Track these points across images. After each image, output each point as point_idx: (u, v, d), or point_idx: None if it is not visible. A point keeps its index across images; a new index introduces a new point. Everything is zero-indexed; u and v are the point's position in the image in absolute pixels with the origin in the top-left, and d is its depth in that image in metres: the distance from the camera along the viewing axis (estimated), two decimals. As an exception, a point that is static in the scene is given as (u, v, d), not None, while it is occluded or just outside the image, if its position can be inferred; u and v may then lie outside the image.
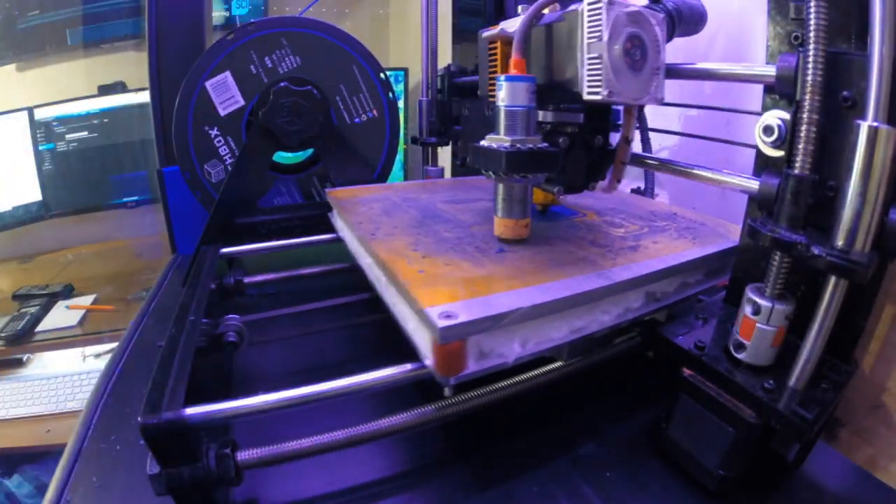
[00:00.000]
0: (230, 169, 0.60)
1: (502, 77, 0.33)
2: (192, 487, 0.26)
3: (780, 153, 0.30)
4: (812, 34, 0.25)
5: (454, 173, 0.83)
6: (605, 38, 0.31)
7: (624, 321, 0.34)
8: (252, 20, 0.59)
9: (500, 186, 0.36)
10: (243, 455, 0.28)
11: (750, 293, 0.29)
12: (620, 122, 0.39)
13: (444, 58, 0.69)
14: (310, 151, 0.68)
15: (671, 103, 0.59)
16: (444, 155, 0.75)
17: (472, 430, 0.36)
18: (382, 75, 0.65)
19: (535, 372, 0.35)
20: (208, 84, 0.58)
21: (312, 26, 0.61)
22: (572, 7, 0.33)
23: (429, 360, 0.29)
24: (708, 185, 0.37)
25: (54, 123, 1.25)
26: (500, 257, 0.36)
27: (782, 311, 0.28)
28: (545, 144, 0.34)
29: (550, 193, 0.41)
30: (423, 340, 0.30)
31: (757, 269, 0.32)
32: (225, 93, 0.59)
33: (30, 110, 1.23)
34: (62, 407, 1.00)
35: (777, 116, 0.29)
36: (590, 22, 0.31)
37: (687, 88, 0.60)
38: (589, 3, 0.31)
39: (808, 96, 0.26)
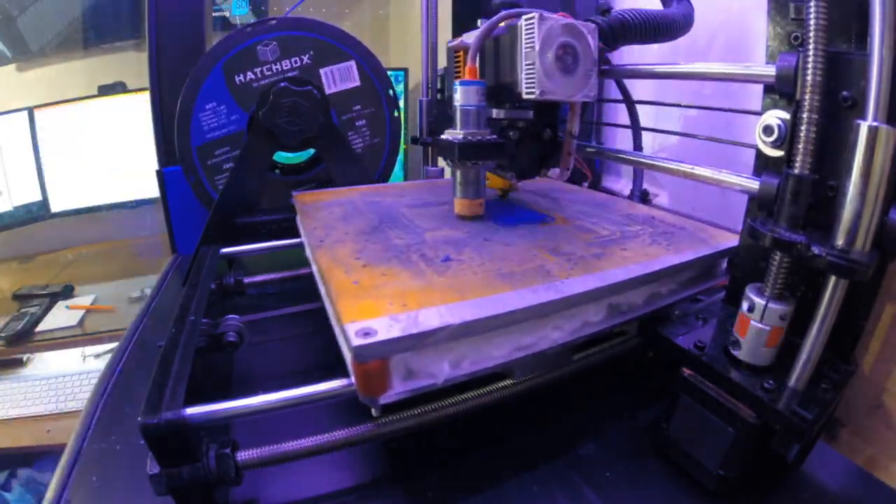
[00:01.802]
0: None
1: (457, 82, 0.40)
2: (192, 487, 0.26)
3: (780, 153, 0.30)
4: (812, 34, 0.25)
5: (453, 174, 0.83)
6: (538, 47, 0.37)
7: (582, 336, 0.32)
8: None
9: (458, 172, 0.43)
10: (243, 455, 0.28)
11: (749, 292, 0.29)
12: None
13: (444, 58, 0.69)
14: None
15: (670, 103, 0.59)
16: (444, 155, 0.75)
17: (472, 429, 0.36)
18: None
19: (528, 375, 0.35)
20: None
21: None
22: (513, 22, 0.39)
23: (352, 378, 0.27)
24: (708, 186, 0.37)
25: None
26: (445, 267, 0.33)
27: (777, 310, 0.28)
28: (493, 137, 0.41)
29: (506, 179, 0.48)
30: (348, 357, 0.28)
31: (757, 269, 0.32)
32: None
33: (30, 110, 1.23)
34: (62, 407, 1.00)
35: (777, 116, 0.29)
36: (526, 34, 0.37)
37: (686, 90, 0.60)
38: (525, 19, 0.37)
39: (808, 96, 0.26)
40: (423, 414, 0.31)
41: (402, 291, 0.30)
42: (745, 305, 0.29)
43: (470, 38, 0.43)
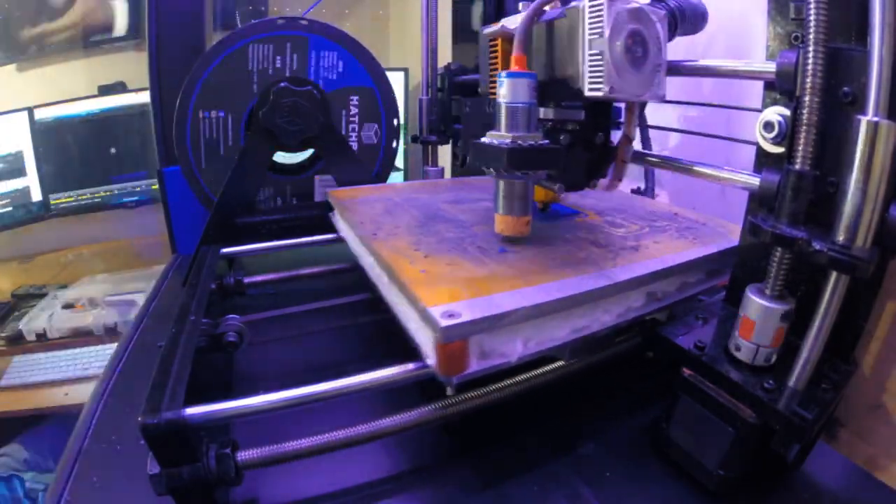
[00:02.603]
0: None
1: (503, 73, 0.33)
2: (192, 487, 0.26)
3: (780, 149, 0.30)
4: (812, 30, 0.25)
5: (454, 173, 0.83)
6: (607, 34, 0.31)
7: (625, 320, 0.34)
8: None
9: (501, 183, 0.36)
10: (243, 455, 0.28)
11: (749, 293, 0.29)
12: (622, 120, 0.39)
13: (444, 58, 0.69)
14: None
15: (670, 101, 0.59)
16: (444, 155, 0.75)
17: (472, 430, 0.36)
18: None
19: (536, 372, 0.35)
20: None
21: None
22: (574, 4, 0.33)
23: (431, 359, 0.29)
24: (708, 186, 0.37)
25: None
26: (502, 257, 0.36)
27: (777, 310, 0.28)
28: (546, 141, 0.34)
29: (551, 191, 0.41)
30: (425, 340, 0.30)
31: (757, 269, 0.32)
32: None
33: (30, 110, 1.23)
34: (80, 373, 1.01)
35: (777, 113, 0.29)
36: (591, 18, 0.31)
37: (685, 90, 0.61)
38: (590, 0, 0.31)
39: (808, 92, 0.26)
40: (423, 414, 0.31)
41: (470, 279, 0.32)
42: (745, 305, 0.29)
43: (512, 22, 0.37)
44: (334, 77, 0.63)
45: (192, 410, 0.26)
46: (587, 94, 0.32)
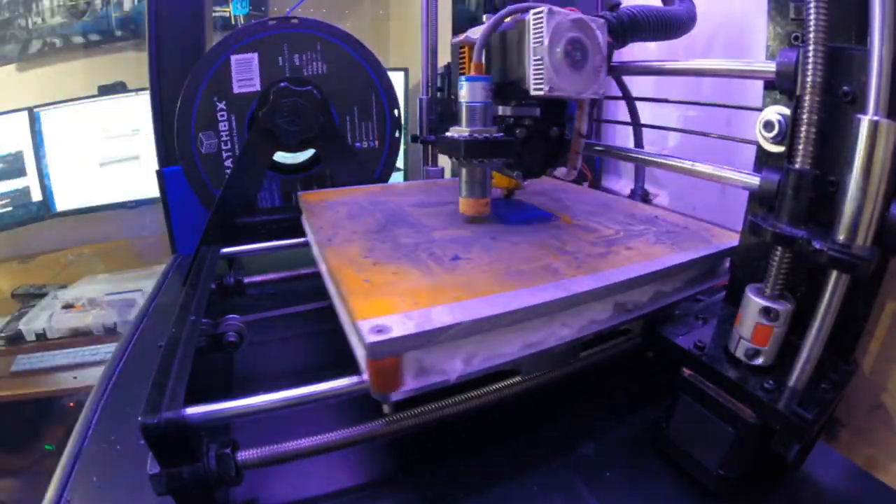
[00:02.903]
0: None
1: (463, 78, 0.39)
2: (192, 487, 0.26)
3: (780, 149, 0.30)
4: (812, 29, 0.25)
5: (454, 173, 0.83)
6: (546, 42, 0.36)
7: (588, 334, 0.33)
8: (294, 16, 0.60)
9: (463, 170, 0.41)
10: (243, 455, 0.28)
11: (749, 293, 0.29)
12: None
13: (444, 58, 0.69)
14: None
15: (670, 101, 0.59)
16: (444, 156, 0.75)
17: (473, 429, 0.36)
18: (396, 112, 0.66)
19: (537, 372, 0.35)
20: (233, 58, 0.58)
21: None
22: (522, 16, 0.38)
23: (365, 375, 0.28)
24: (708, 188, 0.37)
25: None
26: (454, 265, 0.34)
27: (777, 310, 0.28)
28: (500, 134, 0.39)
29: (512, 178, 0.46)
30: (360, 354, 0.28)
31: (757, 270, 0.32)
32: (246, 73, 0.59)
33: (30, 110, 1.23)
34: (88, 358, 1.02)
35: (777, 112, 0.29)
36: (534, 29, 0.36)
37: (685, 91, 0.61)
38: (534, 13, 0.36)
39: (808, 91, 0.26)
40: (423, 414, 0.31)
41: (414, 289, 0.30)
42: (744, 306, 0.29)
43: (475, 33, 0.42)
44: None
45: (192, 410, 0.26)
46: (532, 93, 0.37)
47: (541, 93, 0.37)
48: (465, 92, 0.39)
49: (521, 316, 0.28)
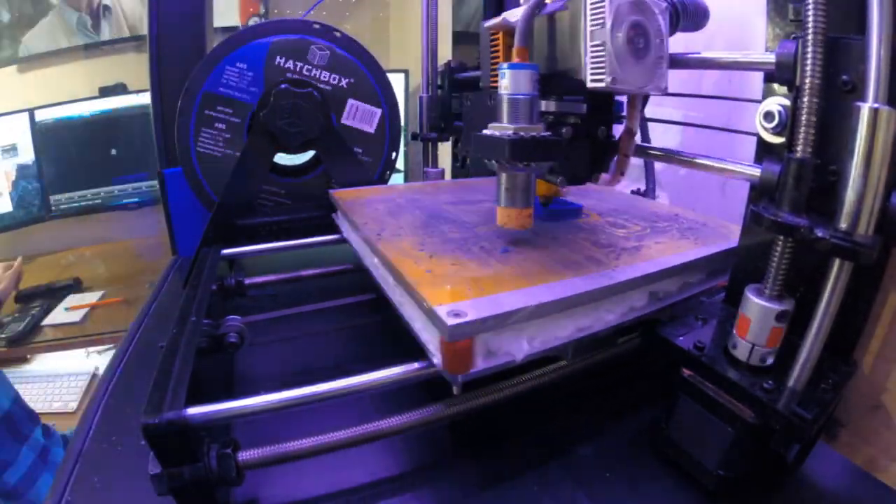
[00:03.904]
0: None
1: (505, 65, 0.33)
2: (193, 487, 0.26)
3: (781, 139, 0.30)
4: (811, 19, 0.25)
5: (454, 174, 0.83)
6: (608, 25, 0.31)
7: (627, 320, 0.35)
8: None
9: (503, 175, 0.36)
10: (244, 455, 0.28)
11: (748, 293, 0.29)
12: (624, 114, 0.40)
13: (445, 58, 0.69)
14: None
15: (670, 93, 0.59)
16: (444, 156, 0.75)
17: (472, 430, 0.36)
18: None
19: (537, 372, 0.35)
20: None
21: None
22: None
23: (437, 358, 0.29)
24: (708, 188, 0.37)
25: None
26: (506, 257, 0.36)
27: (776, 310, 0.28)
28: (548, 133, 0.34)
29: (553, 184, 0.41)
30: (431, 339, 0.30)
31: (756, 270, 0.32)
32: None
33: (30, 111, 1.23)
34: (65, 407, 1.00)
35: (777, 102, 0.29)
36: (593, 9, 0.31)
37: (686, 88, 0.61)
38: None
39: (808, 81, 0.26)
40: (422, 414, 0.31)
41: (475, 278, 0.32)
42: (744, 306, 0.29)
43: (513, 15, 0.37)
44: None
45: (193, 410, 0.26)
46: (589, 85, 0.32)
47: (601, 84, 0.31)
48: (508, 82, 0.33)
49: (574, 301, 0.31)
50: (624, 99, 0.41)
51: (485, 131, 0.34)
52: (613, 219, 0.47)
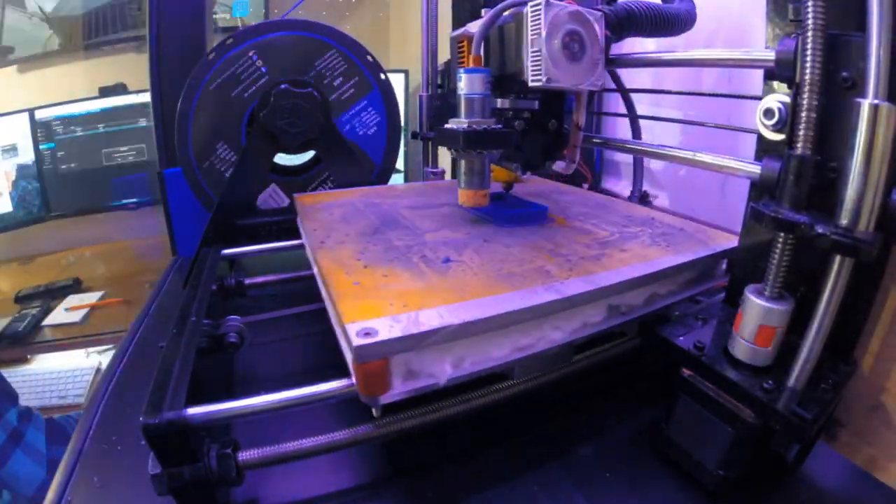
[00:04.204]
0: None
1: (461, 70, 0.39)
2: (193, 487, 0.26)
3: (781, 136, 0.30)
4: (810, 18, 0.25)
5: (454, 174, 0.83)
6: (544, 34, 0.36)
7: (582, 337, 0.33)
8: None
9: (462, 162, 0.41)
10: (244, 455, 0.28)
11: (748, 293, 0.29)
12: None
13: (444, 58, 0.69)
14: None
15: (669, 91, 0.59)
16: (444, 157, 0.75)
17: (472, 430, 0.36)
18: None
19: (537, 372, 0.35)
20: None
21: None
22: (519, 9, 0.38)
23: (353, 378, 0.27)
24: (707, 187, 0.37)
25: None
26: (445, 268, 0.34)
27: (776, 310, 0.28)
28: (499, 126, 0.39)
29: (511, 171, 0.46)
30: (349, 357, 0.28)
31: (756, 270, 0.32)
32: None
33: (31, 111, 1.23)
34: (75, 401, 1.00)
35: (777, 100, 0.29)
36: (532, 21, 0.37)
37: (684, 89, 0.61)
38: (531, 6, 0.37)
39: (807, 77, 0.26)
40: (423, 415, 0.31)
41: (403, 292, 0.30)
42: (744, 306, 0.29)
43: (474, 27, 0.42)
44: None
45: (193, 410, 0.26)
46: (530, 84, 0.38)
47: (539, 84, 0.37)
48: (464, 84, 0.39)
49: (510, 319, 0.28)
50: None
51: (445, 125, 0.40)
52: (581, 223, 0.45)
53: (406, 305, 0.28)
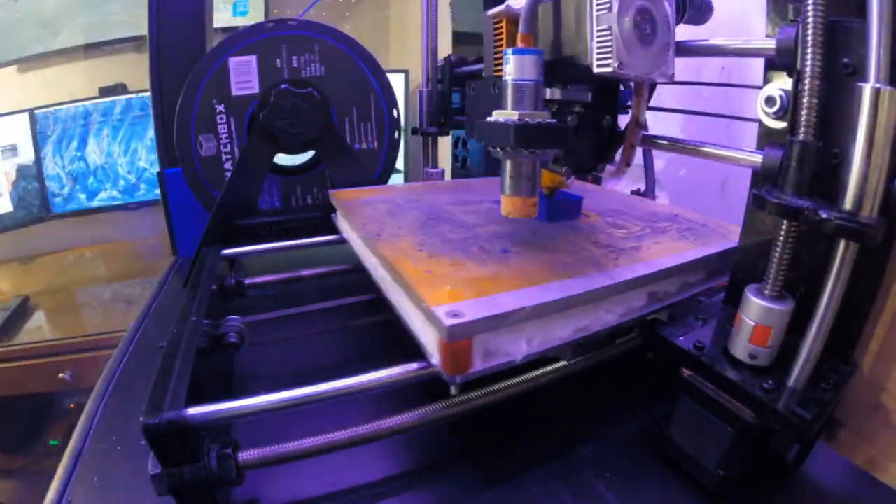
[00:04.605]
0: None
1: (510, 50, 0.33)
2: (193, 487, 0.26)
3: (782, 124, 0.30)
4: (811, 4, 0.25)
5: (454, 174, 0.83)
6: (615, 9, 0.30)
7: (627, 320, 0.35)
8: (293, 18, 0.61)
9: (508, 163, 0.34)
10: (244, 455, 0.28)
11: (748, 293, 0.29)
12: (630, 104, 0.39)
13: (443, 58, 0.69)
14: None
15: (675, 81, 0.59)
16: (445, 157, 0.75)
17: (472, 431, 0.36)
18: (395, 112, 0.66)
19: (537, 372, 0.35)
20: (231, 61, 0.58)
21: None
22: None
23: (435, 358, 0.29)
24: (707, 189, 0.37)
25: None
26: (505, 258, 0.36)
27: (776, 310, 0.28)
28: (554, 120, 0.33)
29: (558, 174, 0.41)
30: (429, 339, 0.30)
31: (756, 270, 0.32)
32: (245, 75, 0.59)
33: (31, 111, 1.23)
34: None
35: (779, 87, 0.29)
36: None
37: (684, 94, 0.61)
38: None
39: (808, 63, 0.26)
40: (423, 415, 0.31)
41: (474, 279, 0.32)
42: (744, 306, 0.29)
43: (517, 3, 0.36)
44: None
45: (193, 410, 0.26)
46: (596, 70, 0.32)
47: (607, 70, 0.31)
48: (512, 67, 0.32)
49: (574, 302, 0.31)
50: (630, 88, 0.41)
51: (489, 118, 0.34)
52: (612, 219, 0.47)
53: (481, 290, 0.30)
